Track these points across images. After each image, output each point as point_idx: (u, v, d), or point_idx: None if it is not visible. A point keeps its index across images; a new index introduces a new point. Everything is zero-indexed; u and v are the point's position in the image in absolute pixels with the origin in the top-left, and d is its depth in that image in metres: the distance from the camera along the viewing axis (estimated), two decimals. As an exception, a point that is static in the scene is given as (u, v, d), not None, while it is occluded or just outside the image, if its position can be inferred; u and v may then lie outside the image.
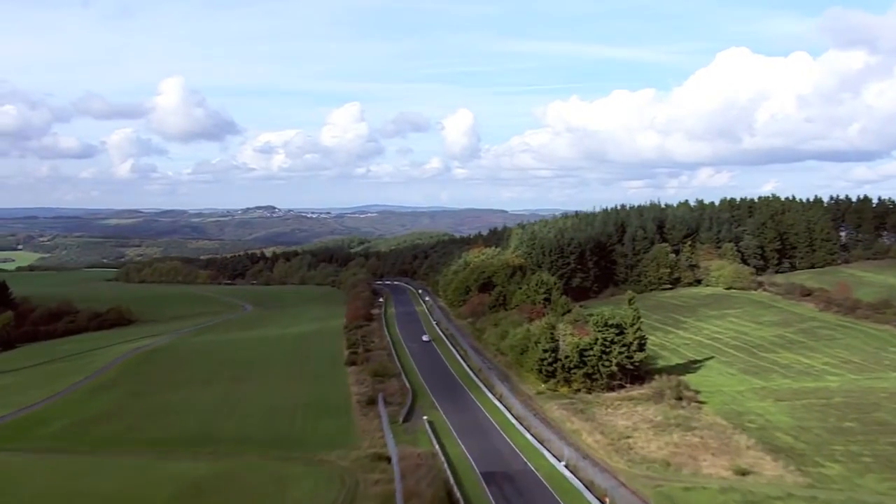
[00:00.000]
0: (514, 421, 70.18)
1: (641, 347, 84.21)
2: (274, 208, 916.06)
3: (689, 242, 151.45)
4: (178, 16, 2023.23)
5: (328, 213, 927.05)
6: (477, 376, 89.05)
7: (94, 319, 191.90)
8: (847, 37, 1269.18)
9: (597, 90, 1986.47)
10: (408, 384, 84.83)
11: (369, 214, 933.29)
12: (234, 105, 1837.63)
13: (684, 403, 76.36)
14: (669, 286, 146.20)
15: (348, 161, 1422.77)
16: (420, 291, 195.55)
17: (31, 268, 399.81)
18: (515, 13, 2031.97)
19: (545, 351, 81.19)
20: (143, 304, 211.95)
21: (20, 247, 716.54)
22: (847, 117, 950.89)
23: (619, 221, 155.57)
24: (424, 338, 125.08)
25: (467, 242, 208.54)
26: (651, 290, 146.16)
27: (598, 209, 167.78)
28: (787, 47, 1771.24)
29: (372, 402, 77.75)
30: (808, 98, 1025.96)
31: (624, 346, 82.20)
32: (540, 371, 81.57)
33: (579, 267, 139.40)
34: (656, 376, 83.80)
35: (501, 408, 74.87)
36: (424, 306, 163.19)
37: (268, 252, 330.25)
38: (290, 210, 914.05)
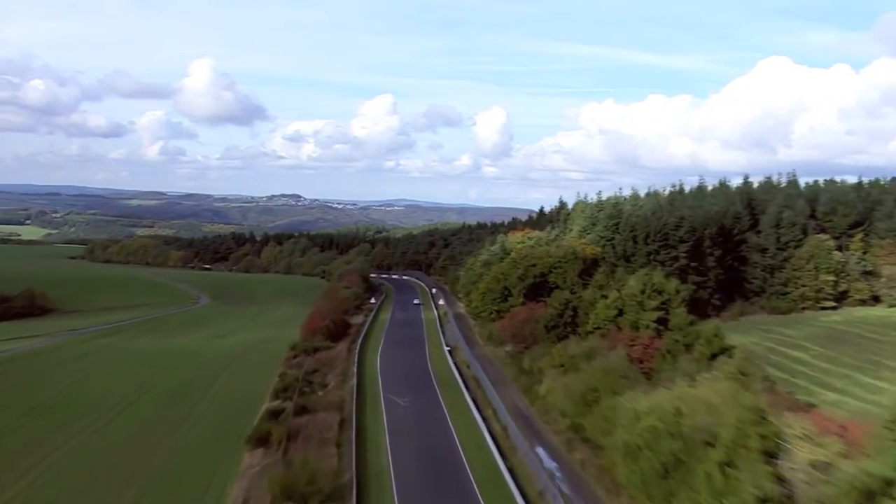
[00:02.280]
0: None
1: None
2: (299, 197, 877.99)
3: (861, 235, 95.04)
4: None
5: (354, 204, 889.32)
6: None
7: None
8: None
9: (633, 94, 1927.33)
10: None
11: (396, 208, 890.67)
12: (265, 92, 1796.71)
13: None
14: (833, 304, 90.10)
15: (378, 153, 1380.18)
16: (434, 291, 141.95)
17: (3, 240, 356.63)
18: (554, 15, 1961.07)
19: (763, 502, 26.63)
20: (77, 289, 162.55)
21: (28, 221, 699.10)
22: (889, 132, 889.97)
23: (747, 198, 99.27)
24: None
25: (502, 228, 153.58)
26: (803, 308, 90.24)
27: (708, 182, 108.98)
28: (828, 60, 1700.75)
29: None
30: (849, 110, 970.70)
31: None
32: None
33: (693, 265, 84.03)
34: None
35: None
36: (435, 312, 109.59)
37: (258, 233, 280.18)
38: (315, 199, 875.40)
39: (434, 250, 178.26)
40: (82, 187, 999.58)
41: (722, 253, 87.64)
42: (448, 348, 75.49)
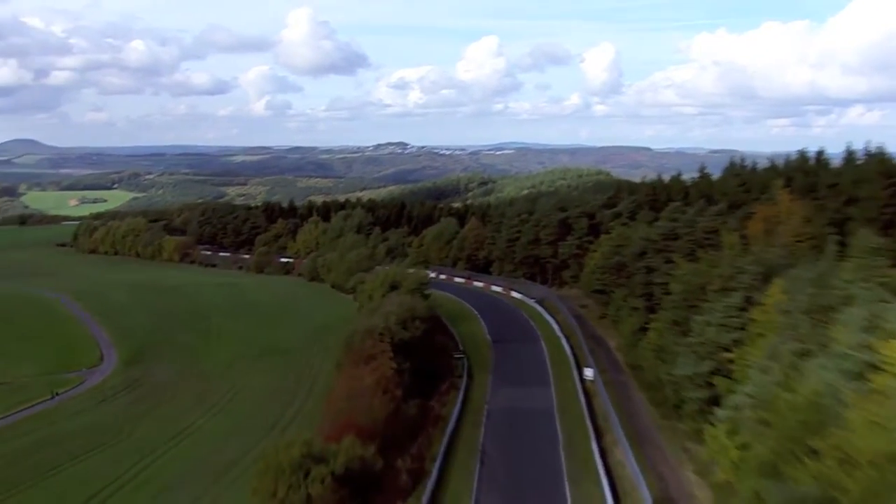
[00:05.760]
0: None
1: None
2: (406, 145, 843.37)
3: None
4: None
5: (463, 149, 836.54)
6: None
7: None
8: None
9: (746, 24, 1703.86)
10: None
11: (505, 152, 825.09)
12: (366, 41, 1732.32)
13: None
14: None
15: (485, 97, 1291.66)
16: (591, 370, 55.85)
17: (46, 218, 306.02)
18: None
19: None
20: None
21: (116, 186, 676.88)
22: None
23: None
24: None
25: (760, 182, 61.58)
26: None
27: None
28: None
29: None
30: None
31: None
32: None
33: None
34: None
35: None
36: None
37: (341, 194, 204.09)
38: (423, 146, 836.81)
39: (572, 238, 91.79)
40: (189, 146, 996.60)
41: None
42: None
